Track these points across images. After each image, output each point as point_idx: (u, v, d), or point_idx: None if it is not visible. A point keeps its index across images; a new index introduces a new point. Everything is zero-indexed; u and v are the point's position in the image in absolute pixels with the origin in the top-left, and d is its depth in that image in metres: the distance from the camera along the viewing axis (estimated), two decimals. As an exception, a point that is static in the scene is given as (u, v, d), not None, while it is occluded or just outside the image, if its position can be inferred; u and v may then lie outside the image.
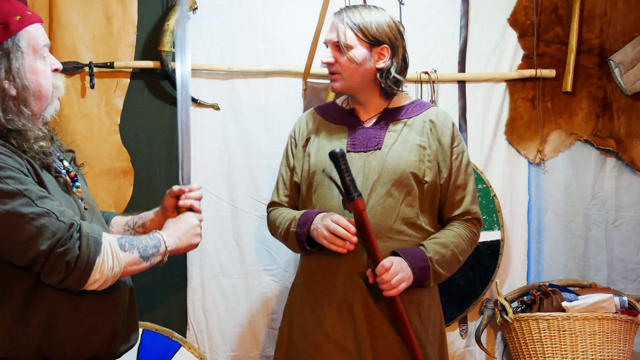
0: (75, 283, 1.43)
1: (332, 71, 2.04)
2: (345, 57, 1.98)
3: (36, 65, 1.52)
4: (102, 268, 1.44)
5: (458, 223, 2.04)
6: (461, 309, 2.71)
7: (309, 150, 2.11)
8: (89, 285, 1.45)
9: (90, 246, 1.42)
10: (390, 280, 1.83)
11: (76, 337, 1.51)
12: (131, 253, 1.51)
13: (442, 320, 2.09)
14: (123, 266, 1.49)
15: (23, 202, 1.38)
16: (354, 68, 1.99)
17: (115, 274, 1.48)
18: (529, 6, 2.81)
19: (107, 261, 1.45)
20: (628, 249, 2.88)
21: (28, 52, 1.50)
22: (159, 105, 2.57)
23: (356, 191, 1.82)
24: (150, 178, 2.54)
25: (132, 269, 1.53)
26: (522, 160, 2.82)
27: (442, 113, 2.10)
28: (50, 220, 1.39)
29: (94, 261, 1.42)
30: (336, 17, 2.02)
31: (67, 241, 1.40)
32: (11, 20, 1.48)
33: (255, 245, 2.62)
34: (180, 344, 2.52)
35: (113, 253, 1.47)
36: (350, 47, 1.98)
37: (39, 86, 1.52)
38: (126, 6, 2.52)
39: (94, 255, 1.42)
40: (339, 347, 1.92)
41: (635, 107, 2.87)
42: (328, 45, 2.03)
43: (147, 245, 1.56)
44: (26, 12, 1.52)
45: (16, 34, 1.49)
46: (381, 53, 2.00)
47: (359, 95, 2.07)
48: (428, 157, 2.01)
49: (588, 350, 2.44)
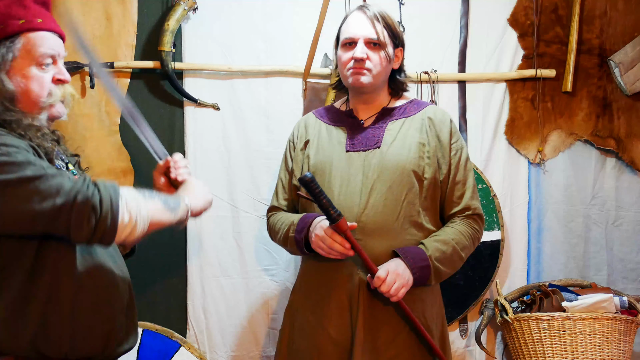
0: (109, 230, 1.40)
1: (360, 67, 2.02)
2: (380, 55, 2.01)
3: (29, 70, 1.53)
4: (129, 209, 1.42)
5: (459, 220, 2.04)
6: (461, 309, 2.71)
7: (308, 152, 2.11)
8: (122, 232, 1.42)
9: (109, 190, 1.41)
10: (389, 291, 1.85)
11: (70, 334, 1.50)
12: (153, 200, 1.49)
13: (443, 321, 2.09)
14: (150, 212, 1.47)
15: (33, 169, 1.39)
16: (385, 66, 2.03)
17: (144, 219, 1.45)
18: (529, 6, 2.81)
19: (132, 205, 1.43)
20: (628, 249, 2.88)
21: (22, 55, 1.53)
22: (159, 105, 2.58)
23: (335, 211, 1.84)
24: (150, 178, 2.50)
25: (159, 219, 1.50)
26: (522, 160, 2.82)
27: (439, 110, 2.11)
28: (64, 179, 1.40)
29: (117, 203, 1.41)
30: (367, 14, 2.03)
31: (86, 191, 1.39)
32: (11, 22, 1.51)
33: (255, 245, 2.62)
34: (180, 344, 2.52)
35: (135, 199, 1.45)
36: (385, 45, 2.02)
37: (28, 90, 1.53)
38: (126, 6, 2.53)
39: (115, 198, 1.41)
40: (341, 349, 1.92)
41: (635, 107, 2.87)
42: (358, 42, 2.01)
43: (168, 197, 1.55)
44: (36, 19, 1.55)
45: (11, 36, 1.51)
46: (397, 55, 2.08)
47: (373, 92, 2.08)
48: (427, 154, 2.01)
49: (588, 350, 2.44)
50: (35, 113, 1.56)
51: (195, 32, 2.59)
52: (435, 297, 2.06)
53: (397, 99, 2.13)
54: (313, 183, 1.81)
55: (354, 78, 2.03)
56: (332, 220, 1.85)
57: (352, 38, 2.03)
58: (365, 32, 2.01)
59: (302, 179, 1.81)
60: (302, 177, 1.81)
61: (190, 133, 2.58)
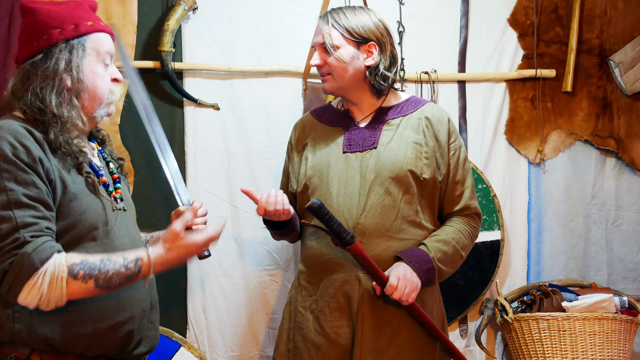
0: (7, 295, 1.45)
1: (322, 73, 2.05)
2: (332, 57, 1.99)
3: (96, 67, 1.65)
4: (32, 289, 1.44)
5: (458, 218, 2.05)
6: (461, 309, 2.71)
7: (306, 154, 2.12)
8: (22, 302, 1.45)
9: (22, 266, 1.43)
10: (401, 297, 1.86)
11: (87, 333, 1.54)
12: (84, 282, 1.48)
13: (444, 319, 2.10)
14: (65, 292, 1.47)
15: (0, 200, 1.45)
16: (343, 67, 2.00)
17: (56, 298, 1.46)
18: (529, 6, 2.81)
19: (41, 284, 1.44)
20: (628, 249, 2.88)
21: (91, 53, 1.65)
22: (159, 105, 2.57)
23: (348, 234, 1.84)
24: (150, 178, 2.54)
25: (83, 295, 1.50)
26: (522, 160, 2.82)
27: (437, 109, 2.10)
28: (7, 228, 1.44)
29: (22, 281, 1.43)
30: (321, 20, 2.03)
31: (4, 254, 1.43)
32: (82, 23, 1.65)
33: (255, 245, 2.62)
34: (180, 344, 2.52)
35: (54, 278, 1.45)
36: (337, 47, 1.99)
37: (95, 86, 1.64)
38: (126, 6, 2.52)
39: (23, 275, 1.43)
40: (339, 349, 1.93)
41: (635, 107, 2.87)
42: (316, 49, 2.04)
43: (115, 276, 1.51)
44: (99, 22, 1.69)
45: (83, 35, 1.64)
46: (369, 50, 2.01)
47: (351, 95, 2.07)
48: (425, 154, 2.01)
49: (588, 350, 2.44)
50: (94, 109, 1.66)
51: (195, 32, 2.58)
52: (435, 296, 2.06)
53: (393, 97, 2.12)
54: (322, 209, 1.80)
55: (322, 85, 2.07)
56: (346, 244, 1.84)
57: (312, 46, 2.07)
58: (316, 38, 2.04)
59: (310, 207, 1.80)
60: (310, 205, 1.80)
61: (190, 133, 2.58)
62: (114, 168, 1.77)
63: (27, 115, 1.57)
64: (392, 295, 1.86)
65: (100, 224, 1.59)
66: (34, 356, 1.51)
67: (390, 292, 1.86)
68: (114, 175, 1.75)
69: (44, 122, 1.56)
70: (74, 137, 1.59)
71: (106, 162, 1.77)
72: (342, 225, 1.84)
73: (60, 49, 1.61)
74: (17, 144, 1.48)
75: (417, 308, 1.91)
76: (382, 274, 1.87)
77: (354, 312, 1.93)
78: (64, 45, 1.61)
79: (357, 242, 1.84)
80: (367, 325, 1.92)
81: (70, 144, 1.57)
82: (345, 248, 1.85)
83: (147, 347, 1.70)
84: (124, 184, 1.81)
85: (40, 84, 1.58)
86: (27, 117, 1.57)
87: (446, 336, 2.02)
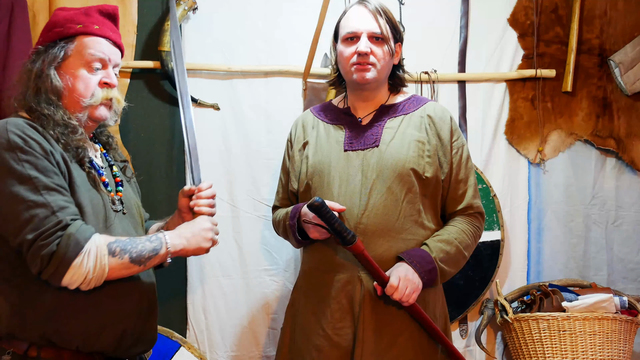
0: (51, 278, 1.48)
1: (364, 61, 1.99)
2: (383, 49, 2.00)
3: (78, 70, 1.65)
4: (79, 269, 1.47)
5: (460, 218, 2.04)
6: (461, 309, 2.71)
7: (307, 152, 2.10)
8: (67, 283, 1.49)
9: (70, 246, 1.46)
10: (402, 298, 1.85)
11: (82, 329, 1.55)
12: (120, 258, 1.54)
13: (447, 321, 2.09)
14: (107, 270, 1.52)
15: (28, 188, 1.47)
16: (388, 60, 2.03)
17: (98, 276, 1.51)
18: (529, 6, 2.81)
19: (87, 263, 1.48)
20: (628, 249, 2.88)
21: (74, 55, 1.65)
22: (159, 105, 2.58)
23: (349, 233, 1.83)
24: (150, 178, 2.54)
25: (120, 273, 1.56)
26: (522, 160, 2.82)
27: (439, 107, 2.09)
28: (44, 212, 1.46)
29: (69, 261, 1.46)
30: (369, 8, 2.01)
31: (49, 236, 1.45)
32: (70, 26, 1.66)
33: (255, 245, 2.62)
34: (180, 344, 2.52)
35: (98, 257, 1.50)
36: (388, 40, 2.01)
37: (73, 89, 1.64)
38: (126, 6, 2.52)
39: (70, 255, 1.46)
40: (341, 350, 1.92)
41: (635, 107, 2.87)
42: (359, 37, 1.99)
43: (144, 249, 1.58)
44: (93, 26, 1.68)
45: (68, 37, 1.65)
46: (397, 50, 2.07)
47: (375, 89, 2.07)
48: (427, 153, 1.99)
49: (588, 350, 2.44)
50: (77, 111, 1.65)
51: (195, 32, 2.59)
52: (438, 297, 2.05)
53: (395, 95, 2.12)
54: (323, 208, 1.80)
55: (359, 75, 2.00)
56: (347, 243, 1.83)
57: (354, 32, 2.00)
58: (368, 26, 1.99)
59: (311, 205, 1.80)
60: (311, 203, 1.79)
61: (190, 133, 2.58)
62: (117, 171, 1.79)
63: (30, 114, 1.61)
64: (393, 295, 1.85)
65: (100, 219, 1.61)
66: (31, 351, 1.53)
67: (390, 292, 1.85)
68: (116, 179, 1.76)
69: (40, 119, 1.59)
70: (70, 133, 1.61)
71: (110, 165, 1.79)
72: (343, 224, 1.83)
73: (46, 50, 1.65)
74: (28, 138, 1.51)
75: (418, 309, 1.90)
76: (383, 274, 1.87)
77: (356, 313, 1.92)
78: (51, 46, 1.65)
79: (358, 241, 1.84)
80: (369, 326, 1.91)
81: (68, 138, 1.59)
82: (346, 247, 1.84)
83: (144, 346, 1.71)
84: (128, 188, 1.82)
85: (27, 84, 1.63)
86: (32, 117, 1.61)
87: (447, 338, 2.01)
